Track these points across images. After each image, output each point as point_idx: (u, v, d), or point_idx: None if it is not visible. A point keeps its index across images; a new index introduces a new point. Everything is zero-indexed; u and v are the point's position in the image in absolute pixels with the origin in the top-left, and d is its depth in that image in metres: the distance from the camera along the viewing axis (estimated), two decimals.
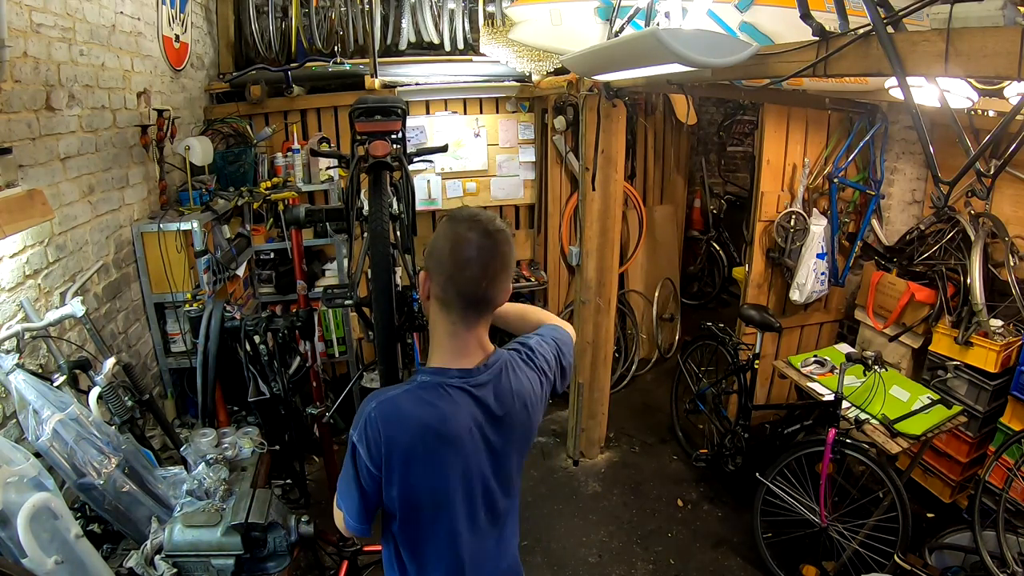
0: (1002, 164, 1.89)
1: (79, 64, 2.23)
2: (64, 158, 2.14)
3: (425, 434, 1.15)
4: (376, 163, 2.06)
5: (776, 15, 2.46)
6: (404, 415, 1.16)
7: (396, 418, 1.15)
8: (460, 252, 1.13)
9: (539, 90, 3.97)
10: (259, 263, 3.66)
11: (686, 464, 3.73)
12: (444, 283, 1.16)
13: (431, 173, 4.11)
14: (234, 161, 3.31)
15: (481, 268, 1.13)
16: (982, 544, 2.50)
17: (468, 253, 1.13)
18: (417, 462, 1.15)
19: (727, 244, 5.69)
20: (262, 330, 2.31)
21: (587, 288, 3.51)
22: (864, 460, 2.63)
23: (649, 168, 4.74)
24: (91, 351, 2.10)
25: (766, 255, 3.61)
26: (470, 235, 1.13)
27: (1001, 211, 3.06)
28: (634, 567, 2.98)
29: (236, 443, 2.05)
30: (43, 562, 1.37)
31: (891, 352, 3.44)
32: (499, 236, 1.15)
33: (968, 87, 2.09)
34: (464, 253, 1.13)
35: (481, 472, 1.22)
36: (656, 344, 4.89)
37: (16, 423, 1.71)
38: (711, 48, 1.71)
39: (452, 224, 1.17)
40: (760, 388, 3.68)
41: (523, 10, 2.69)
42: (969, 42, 1.20)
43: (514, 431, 1.25)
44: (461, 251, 1.13)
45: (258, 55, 3.82)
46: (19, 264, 1.89)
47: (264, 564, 1.73)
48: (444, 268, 1.15)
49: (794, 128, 3.50)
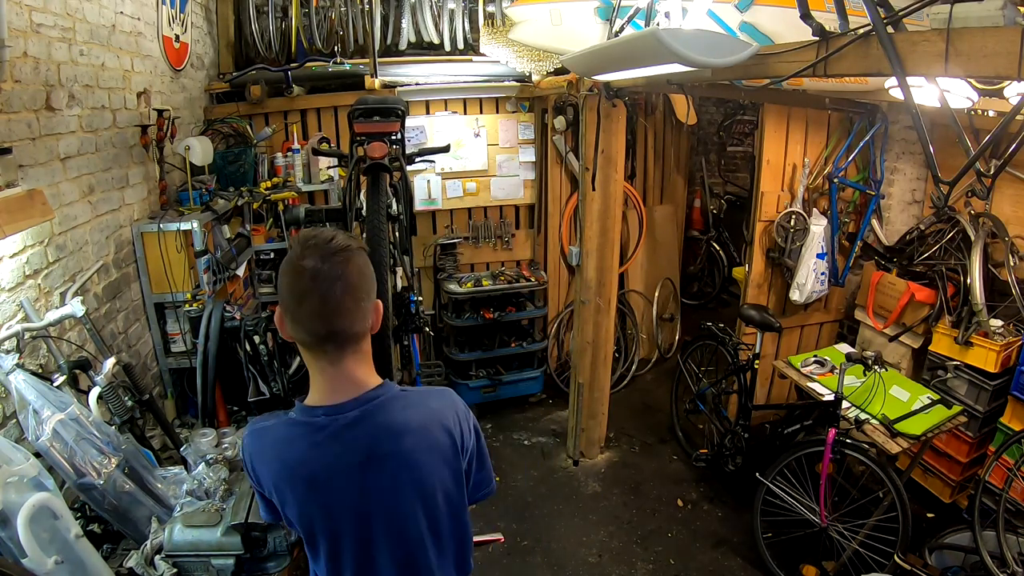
0: (1002, 164, 1.89)
1: (79, 64, 2.23)
2: (64, 158, 2.14)
3: (287, 474, 1.08)
4: (374, 165, 2.06)
5: (776, 15, 2.46)
6: (268, 453, 1.11)
7: (260, 454, 1.11)
8: (296, 285, 1.02)
9: (539, 90, 3.97)
10: (259, 263, 3.65)
11: (686, 464, 3.73)
12: (290, 322, 1.05)
13: (431, 173, 4.11)
14: (234, 161, 3.31)
15: (320, 300, 1.01)
16: (982, 544, 2.50)
17: (303, 285, 1.01)
18: (285, 499, 1.10)
19: (727, 244, 5.69)
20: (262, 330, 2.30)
21: (587, 288, 3.51)
22: (864, 460, 2.63)
23: (649, 168, 4.74)
24: (91, 351, 2.10)
25: (766, 255, 3.61)
26: (304, 263, 1.01)
27: (1001, 211, 3.06)
28: (634, 567, 2.98)
29: (236, 443, 2.05)
30: (43, 562, 1.37)
31: (891, 352, 3.44)
32: (339, 258, 1.02)
33: (968, 87, 2.09)
34: (299, 286, 1.01)
35: (356, 516, 1.10)
36: (656, 344, 4.89)
37: (16, 423, 1.71)
38: (711, 48, 1.71)
39: (290, 252, 1.04)
40: (760, 388, 3.68)
41: (523, 10, 2.69)
42: (969, 42, 1.20)
43: (401, 472, 1.10)
44: (296, 284, 1.02)
45: (258, 55, 3.81)
46: (19, 264, 1.89)
47: (264, 564, 1.73)
48: (286, 305, 1.05)
49: (794, 128, 3.50)
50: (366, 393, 1.09)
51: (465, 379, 4.16)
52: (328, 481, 1.08)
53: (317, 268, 1.00)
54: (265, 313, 2.43)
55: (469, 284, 4.09)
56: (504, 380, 4.22)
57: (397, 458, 1.09)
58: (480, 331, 4.27)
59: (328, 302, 1.01)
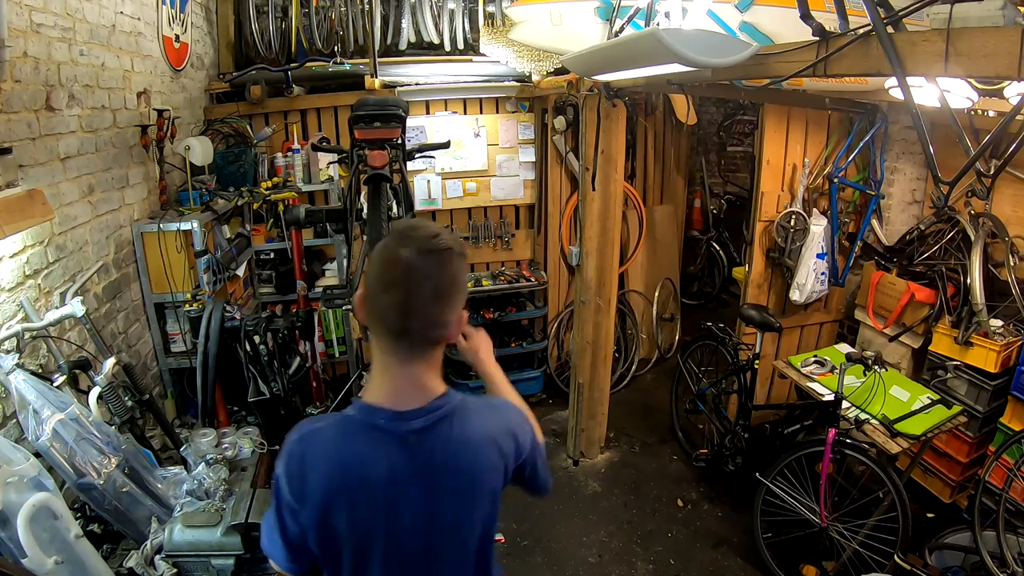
0: (1002, 164, 1.89)
1: (79, 64, 2.23)
2: (64, 158, 2.14)
3: (345, 477, 1.02)
4: (375, 175, 2.07)
5: (776, 15, 2.46)
6: (326, 453, 1.04)
7: (317, 456, 1.04)
8: (385, 273, 0.97)
9: (539, 90, 3.97)
10: (259, 263, 3.66)
11: (686, 464, 3.73)
12: (370, 308, 1.01)
13: (431, 173, 4.11)
14: (234, 161, 3.31)
15: (404, 295, 0.96)
16: (982, 544, 2.50)
17: (393, 274, 0.96)
18: (336, 505, 1.03)
19: (727, 244, 5.69)
20: (262, 330, 2.31)
21: (587, 288, 3.51)
22: (864, 460, 2.63)
23: (649, 168, 4.74)
24: (91, 351, 2.10)
25: (766, 255, 3.61)
26: (400, 252, 0.96)
27: (1001, 211, 3.06)
28: (634, 567, 2.98)
29: (236, 443, 2.06)
30: (43, 562, 1.37)
31: (891, 352, 3.44)
32: (438, 257, 0.97)
33: (968, 87, 2.09)
34: (389, 275, 0.97)
35: (403, 525, 1.06)
36: (656, 344, 4.89)
37: (16, 423, 1.71)
38: (711, 48, 1.71)
39: (387, 238, 1.01)
40: (760, 388, 3.68)
41: (523, 10, 2.69)
42: (969, 42, 1.20)
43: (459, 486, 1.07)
44: (386, 272, 0.97)
45: (258, 55, 3.82)
46: (19, 264, 1.89)
47: (264, 564, 1.73)
48: (371, 289, 1.00)
49: (794, 128, 3.50)
50: (432, 402, 1.05)
51: (465, 379, 4.16)
52: (384, 488, 1.04)
53: (412, 261, 0.95)
54: (265, 313, 2.44)
55: (469, 284, 4.09)
56: None
57: (456, 472, 1.07)
58: None
59: (413, 299, 0.96)
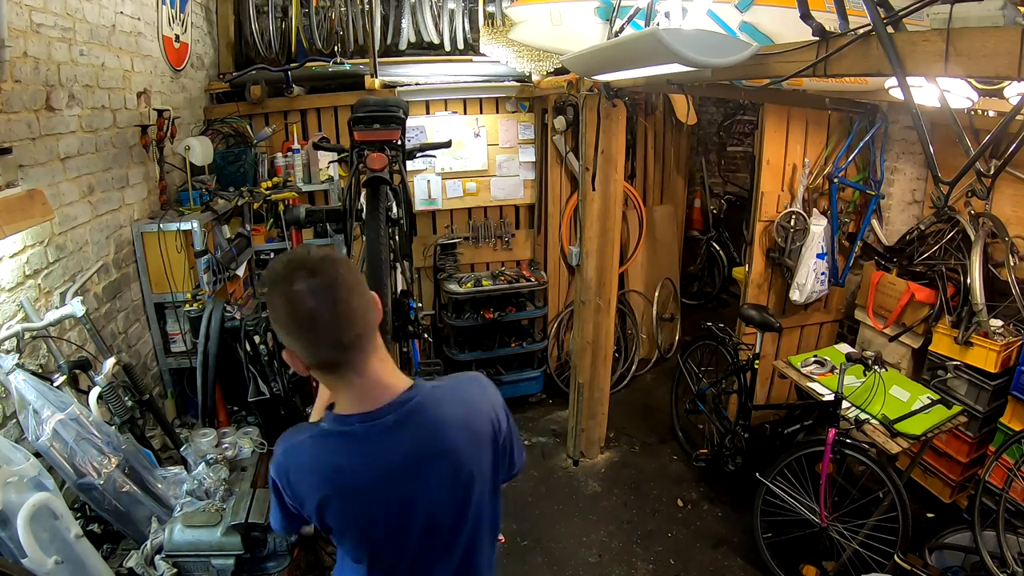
0: (1002, 164, 1.90)
1: (79, 64, 2.23)
2: (64, 158, 2.13)
3: (329, 487, 1.07)
4: (374, 178, 2.06)
5: (776, 15, 2.46)
6: (307, 467, 1.09)
7: (300, 469, 1.09)
8: (298, 313, 0.98)
9: (539, 90, 3.97)
10: (259, 263, 3.65)
11: (686, 464, 3.73)
12: (304, 351, 1.02)
13: (431, 173, 4.11)
14: (234, 161, 3.31)
15: (331, 311, 0.98)
16: (982, 544, 2.50)
17: (306, 307, 0.97)
18: (329, 507, 1.08)
19: (727, 244, 5.69)
20: (262, 330, 2.30)
21: (587, 288, 3.51)
22: (864, 460, 2.63)
23: (649, 168, 4.74)
24: (91, 351, 2.10)
25: (766, 255, 3.61)
26: (298, 287, 0.97)
27: (1001, 211, 3.06)
28: (634, 567, 2.98)
29: (236, 443, 2.06)
30: (43, 562, 1.37)
31: (891, 352, 3.44)
32: (324, 265, 1.00)
33: (968, 87, 2.08)
34: (302, 311, 0.98)
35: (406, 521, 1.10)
36: (656, 344, 4.89)
37: (16, 423, 1.70)
38: (711, 48, 1.71)
39: (276, 286, 1.00)
40: (760, 388, 3.68)
41: (523, 10, 2.69)
42: (969, 42, 1.20)
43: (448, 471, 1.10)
44: (298, 311, 0.98)
45: (258, 55, 3.81)
46: (19, 264, 1.89)
47: (264, 564, 1.74)
48: (294, 338, 1.01)
49: (794, 128, 3.50)
50: (400, 396, 1.08)
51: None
52: (373, 490, 1.07)
53: (312, 285, 0.98)
54: (265, 313, 2.43)
55: (469, 284, 4.09)
56: (504, 380, 4.22)
57: (443, 458, 1.09)
58: (480, 331, 4.27)
59: (339, 309, 0.99)
